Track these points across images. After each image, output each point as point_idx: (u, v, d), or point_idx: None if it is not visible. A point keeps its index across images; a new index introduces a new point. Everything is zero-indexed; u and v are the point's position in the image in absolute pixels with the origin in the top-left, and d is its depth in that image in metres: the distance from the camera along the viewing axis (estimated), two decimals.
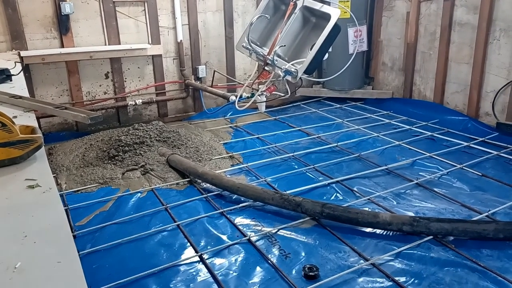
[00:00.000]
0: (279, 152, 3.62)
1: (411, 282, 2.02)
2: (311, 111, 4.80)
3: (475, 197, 2.79)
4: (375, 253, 2.23)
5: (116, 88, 4.19)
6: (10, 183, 1.13)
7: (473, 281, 2.02)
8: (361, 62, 4.98)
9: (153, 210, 2.71)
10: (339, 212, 2.43)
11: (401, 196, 2.83)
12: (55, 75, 3.90)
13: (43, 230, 0.90)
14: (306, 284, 2.01)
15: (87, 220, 2.59)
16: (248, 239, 2.37)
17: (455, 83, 4.26)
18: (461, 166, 3.22)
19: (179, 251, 2.32)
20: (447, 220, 2.34)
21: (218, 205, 2.75)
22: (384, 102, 4.87)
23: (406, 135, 3.94)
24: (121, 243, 2.36)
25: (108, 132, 3.90)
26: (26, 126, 1.34)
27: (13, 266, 0.77)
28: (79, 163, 3.33)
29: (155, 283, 2.05)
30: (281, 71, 3.13)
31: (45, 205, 1.01)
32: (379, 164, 3.30)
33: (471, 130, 3.97)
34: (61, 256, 0.80)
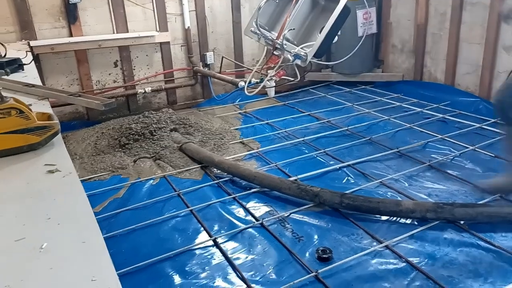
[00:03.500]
0: (289, 137, 3.62)
1: (425, 263, 2.03)
2: (320, 95, 4.78)
3: (488, 178, 2.77)
4: (388, 235, 2.24)
5: (125, 76, 4.20)
6: (30, 169, 1.15)
7: (487, 261, 2.02)
8: (371, 45, 4.92)
9: (166, 196, 2.73)
10: (360, 202, 2.39)
11: (413, 178, 2.83)
12: (64, 64, 3.92)
13: (66, 212, 0.92)
14: (320, 266, 2.03)
15: (102, 207, 2.63)
16: (261, 223, 2.39)
17: (467, 64, 4.20)
18: (473, 147, 3.20)
19: (193, 235, 2.35)
20: (471, 205, 2.31)
21: (230, 190, 2.77)
22: (394, 85, 4.83)
23: (417, 117, 3.91)
24: (136, 228, 2.39)
25: (118, 120, 3.92)
26: (43, 113, 1.36)
27: (39, 247, 0.79)
28: (91, 151, 3.37)
29: (171, 267, 2.08)
30: (290, 55, 3.11)
31: (66, 188, 1.03)
32: (391, 147, 3.29)
33: (483, 111, 3.93)
34: (85, 236, 0.82)
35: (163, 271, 2.05)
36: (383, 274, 1.97)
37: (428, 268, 1.98)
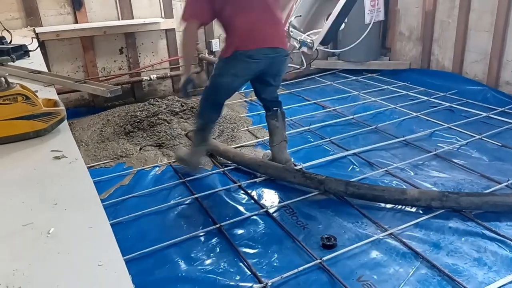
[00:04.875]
0: (295, 125, 3.61)
1: (430, 251, 2.03)
2: (326, 83, 4.75)
3: (494, 167, 2.76)
4: (392, 223, 2.24)
5: (130, 63, 4.20)
6: (36, 155, 1.16)
7: (492, 250, 2.02)
8: (378, 32, 4.87)
9: (172, 183, 2.74)
10: (364, 190, 2.39)
11: (419, 167, 2.82)
12: (70, 51, 3.92)
13: (72, 198, 0.93)
14: (324, 253, 2.03)
15: (108, 194, 2.64)
16: (266, 210, 2.40)
17: (475, 52, 4.15)
18: (480, 136, 3.17)
19: (198, 222, 2.36)
20: (477, 194, 2.30)
21: (235, 178, 2.78)
22: (401, 73, 4.79)
23: (423, 106, 3.89)
24: (142, 215, 2.41)
25: (124, 107, 3.93)
26: (49, 99, 1.36)
27: (47, 232, 0.80)
28: (97, 139, 3.38)
29: (176, 253, 2.10)
30: (296, 43, 3.09)
31: (72, 174, 1.04)
32: (397, 135, 3.27)
33: (490, 100, 3.89)
34: (92, 221, 0.83)
35: (169, 257, 2.07)
36: (388, 262, 1.97)
37: (432, 256, 1.99)
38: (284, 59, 2.58)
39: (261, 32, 2.44)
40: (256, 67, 2.49)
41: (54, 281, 0.69)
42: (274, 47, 2.47)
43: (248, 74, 2.53)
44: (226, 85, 2.55)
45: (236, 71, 2.49)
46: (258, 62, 2.46)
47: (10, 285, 0.68)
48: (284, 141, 2.80)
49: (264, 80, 2.64)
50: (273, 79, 2.65)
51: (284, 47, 2.58)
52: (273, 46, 2.47)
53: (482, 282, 1.82)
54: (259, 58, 2.44)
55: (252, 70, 2.50)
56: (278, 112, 2.77)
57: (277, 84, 2.74)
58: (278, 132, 2.79)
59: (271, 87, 2.71)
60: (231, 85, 2.57)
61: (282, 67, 2.62)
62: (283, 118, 2.81)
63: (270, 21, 2.47)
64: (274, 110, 2.78)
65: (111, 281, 0.68)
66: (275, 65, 2.55)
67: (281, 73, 2.66)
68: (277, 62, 2.54)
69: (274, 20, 2.49)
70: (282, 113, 2.80)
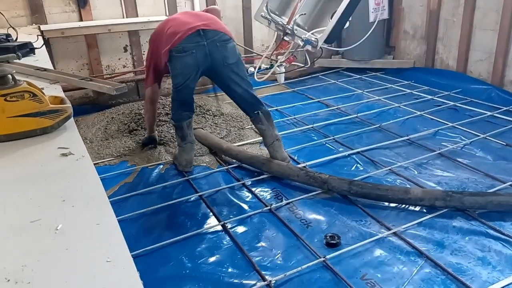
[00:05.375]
0: (298, 123, 3.62)
1: (434, 250, 2.03)
2: (330, 82, 4.74)
3: (499, 166, 2.75)
4: (396, 222, 2.24)
5: (135, 61, 4.20)
6: (43, 152, 1.16)
7: (496, 250, 2.02)
8: (382, 31, 4.86)
9: (175, 181, 2.75)
10: (368, 190, 2.38)
11: (422, 166, 2.81)
12: (74, 49, 3.93)
13: (80, 195, 0.93)
14: (328, 252, 2.04)
15: (113, 191, 2.65)
16: (270, 209, 2.40)
17: (480, 51, 4.14)
18: (484, 135, 3.17)
19: (202, 220, 2.37)
20: (481, 194, 2.30)
21: (238, 176, 2.78)
22: (405, 72, 4.78)
23: (428, 105, 3.88)
24: (146, 212, 2.42)
25: (128, 105, 3.93)
26: (55, 97, 1.37)
27: (55, 228, 0.81)
28: (102, 136, 3.39)
29: (181, 250, 2.11)
30: (301, 41, 3.08)
31: (79, 171, 1.04)
32: (400, 134, 3.27)
33: (495, 99, 3.88)
34: (99, 218, 0.83)
35: (172, 254, 2.08)
36: (391, 261, 1.98)
37: (436, 255, 1.99)
38: (222, 43, 2.54)
39: (185, 25, 2.53)
40: (193, 60, 2.50)
41: (62, 277, 0.69)
42: (203, 29, 2.49)
43: (192, 69, 2.55)
44: (180, 85, 2.61)
45: (181, 70, 2.56)
46: (193, 53, 2.48)
47: (19, 281, 0.68)
48: (276, 141, 2.80)
49: (221, 76, 2.64)
50: (229, 72, 2.61)
51: (220, 30, 2.56)
52: (201, 28, 2.49)
53: (486, 281, 1.82)
54: (191, 49, 2.48)
55: (192, 65, 2.52)
56: (260, 115, 2.76)
57: (238, 79, 2.66)
58: (267, 133, 2.80)
59: (236, 86, 2.67)
60: (185, 84, 2.61)
61: (226, 54, 2.57)
62: (268, 118, 2.79)
63: (195, 17, 2.60)
64: (255, 114, 2.77)
65: (120, 277, 0.69)
66: (216, 52, 2.53)
67: (229, 60, 2.59)
68: (215, 49, 2.52)
69: (201, 16, 2.60)
70: (265, 114, 2.78)
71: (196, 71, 2.57)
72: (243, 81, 2.68)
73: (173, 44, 2.51)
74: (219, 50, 2.54)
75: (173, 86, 2.68)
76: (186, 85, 2.62)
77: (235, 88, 2.68)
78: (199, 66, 2.55)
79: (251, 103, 2.75)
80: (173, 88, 2.68)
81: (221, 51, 2.55)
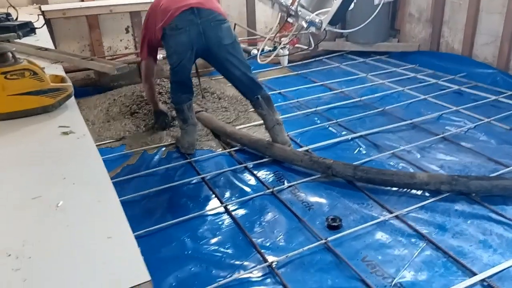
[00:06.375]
0: (301, 107, 3.59)
1: (435, 233, 2.03)
2: (334, 65, 4.70)
3: (502, 150, 2.74)
4: (398, 206, 2.24)
5: (136, 42, 4.17)
6: (44, 130, 1.16)
7: (498, 233, 2.02)
8: (387, 14, 4.79)
9: (178, 163, 2.75)
10: (373, 175, 2.36)
11: (425, 150, 2.80)
12: (76, 30, 3.90)
13: (80, 173, 0.93)
14: (329, 234, 2.04)
15: (115, 173, 2.66)
16: (272, 191, 2.41)
17: (486, 35, 4.08)
18: (488, 120, 3.14)
19: (205, 202, 2.37)
20: (487, 178, 2.28)
21: (241, 159, 2.78)
22: (410, 55, 4.72)
23: (432, 89, 3.84)
24: (148, 194, 2.42)
25: (130, 87, 3.91)
26: (56, 76, 1.36)
27: (56, 205, 0.81)
28: (103, 118, 3.38)
29: (183, 231, 2.12)
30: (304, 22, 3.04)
31: (80, 150, 1.04)
32: (404, 118, 3.25)
33: (500, 83, 3.84)
34: (100, 196, 0.83)
35: (175, 235, 2.09)
36: (393, 243, 1.98)
37: (438, 238, 1.99)
38: (217, 23, 2.51)
39: (178, 2, 2.50)
40: (187, 38, 2.48)
41: (63, 253, 0.69)
42: (196, 7, 2.46)
43: (187, 48, 2.52)
44: (176, 65, 2.60)
45: (175, 48, 2.54)
46: (186, 31, 2.46)
47: (20, 256, 0.68)
48: (277, 125, 2.78)
49: (217, 58, 2.61)
50: (225, 53, 2.58)
51: (214, 9, 2.53)
52: (195, 7, 2.46)
53: (487, 264, 1.83)
54: (184, 26, 2.45)
55: (186, 43, 2.50)
56: (260, 100, 2.74)
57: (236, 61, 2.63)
58: (267, 118, 2.79)
59: (234, 68, 2.64)
60: (181, 64, 2.59)
61: (221, 34, 2.54)
62: (268, 103, 2.77)
63: None
64: (255, 98, 2.75)
65: (121, 253, 0.69)
66: (210, 31, 2.50)
67: (225, 41, 2.56)
68: (209, 28, 2.49)
69: None
70: (265, 99, 2.76)
71: (191, 50, 2.54)
72: (240, 63, 2.65)
73: (166, 22, 2.49)
74: (213, 30, 2.50)
75: (170, 67, 2.67)
76: (182, 65, 2.60)
77: (233, 71, 2.65)
78: (193, 45, 2.52)
79: (250, 87, 2.73)
80: (170, 70, 2.67)
81: (216, 31, 2.51)
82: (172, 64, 2.63)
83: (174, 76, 2.68)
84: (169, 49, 2.58)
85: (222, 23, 2.54)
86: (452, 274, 1.79)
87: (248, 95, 2.78)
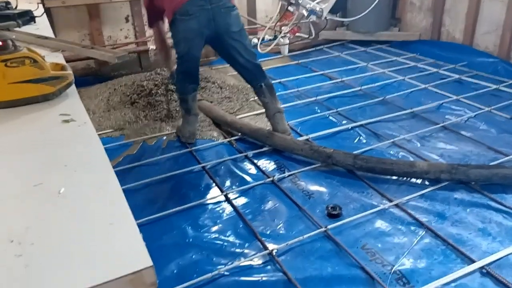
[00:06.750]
0: (302, 96, 3.59)
1: (435, 221, 2.05)
2: (335, 54, 4.68)
3: (502, 139, 2.74)
4: (398, 194, 2.25)
5: (136, 32, 4.15)
6: (45, 118, 1.16)
7: (497, 221, 2.03)
8: (388, 2, 4.75)
9: (178, 152, 2.76)
10: (373, 164, 2.37)
11: (426, 139, 2.80)
12: (76, 19, 3.88)
13: (82, 160, 0.94)
14: (329, 222, 2.05)
15: (116, 162, 2.66)
16: (272, 180, 2.41)
17: (487, 23, 4.06)
18: (489, 109, 3.14)
19: (205, 191, 2.38)
20: (486, 167, 2.29)
21: (241, 148, 2.79)
22: (411, 44, 4.70)
23: (432, 78, 3.83)
24: (150, 183, 2.43)
25: (131, 77, 3.90)
26: (56, 64, 1.36)
27: (57, 192, 0.81)
28: (104, 107, 3.38)
29: (184, 220, 2.13)
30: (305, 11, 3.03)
31: (81, 137, 1.04)
32: (404, 107, 3.24)
33: (501, 72, 3.83)
34: (101, 182, 0.84)
35: (176, 223, 2.10)
36: (392, 231, 1.99)
37: (437, 226, 2.00)
38: (226, 10, 2.48)
39: None
40: (197, 24, 2.44)
41: (65, 239, 0.70)
42: None
43: (196, 34, 2.49)
44: (184, 53, 2.57)
45: (184, 34, 2.49)
46: (196, 17, 2.42)
47: (23, 242, 0.69)
48: (278, 113, 2.79)
49: (224, 45, 2.58)
50: (232, 40, 2.56)
51: None
52: None
53: (486, 252, 1.84)
54: (194, 12, 2.41)
55: (196, 30, 2.46)
56: (263, 88, 2.75)
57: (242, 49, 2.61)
58: (269, 106, 2.79)
59: (239, 56, 2.62)
60: (188, 52, 2.56)
61: (230, 21, 2.51)
62: (271, 91, 2.78)
63: None
64: (258, 86, 2.75)
65: (122, 238, 0.69)
66: (220, 18, 2.47)
67: (233, 28, 2.53)
68: (219, 14, 2.45)
69: None
70: (268, 87, 2.76)
71: (200, 36, 2.50)
72: (246, 51, 2.65)
73: (177, 6, 2.43)
74: (223, 16, 2.48)
75: (177, 56, 2.64)
76: (190, 54, 2.57)
77: (238, 58, 2.65)
78: (203, 32, 2.48)
79: (254, 74, 2.73)
80: (177, 59, 2.64)
81: (225, 18, 2.49)
82: (179, 53, 2.59)
83: (181, 65, 2.65)
84: (178, 35, 2.53)
85: (231, 10, 2.52)
86: (451, 262, 1.80)
87: (252, 82, 2.78)
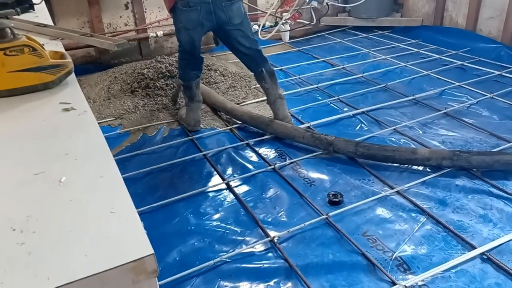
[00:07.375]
0: (303, 83, 3.57)
1: (436, 208, 2.05)
2: (336, 41, 4.64)
3: (505, 126, 2.73)
4: (399, 181, 2.25)
5: (136, 19, 4.12)
6: (45, 107, 1.15)
7: (498, 207, 2.03)
8: None
9: (180, 141, 2.76)
10: (374, 151, 2.36)
11: (427, 125, 2.80)
12: (75, 6, 3.85)
13: (82, 149, 0.93)
14: (330, 209, 2.06)
15: (117, 151, 2.67)
16: (273, 168, 2.42)
17: (490, 8, 4.01)
18: (491, 95, 3.12)
19: (207, 179, 2.39)
20: (488, 153, 2.28)
21: (242, 136, 2.78)
22: (413, 30, 4.66)
23: (435, 64, 3.81)
24: (151, 171, 2.44)
25: (131, 65, 3.89)
26: (55, 52, 1.35)
27: (59, 180, 0.81)
28: (104, 96, 3.37)
29: (185, 207, 2.14)
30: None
31: (82, 126, 1.04)
32: (406, 94, 3.23)
33: (504, 58, 3.80)
34: (102, 171, 0.84)
35: (177, 211, 2.11)
36: (393, 218, 2.00)
37: (438, 213, 2.01)
38: (227, 3, 2.47)
39: None
40: (198, 16, 2.45)
41: (67, 227, 0.70)
42: None
43: (196, 24, 2.49)
44: (185, 40, 2.59)
45: (184, 24, 2.51)
46: (197, 10, 2.43)
47: (24, 230, 0.69)
48: (279, 99, 2.79)
49: (226, 35, 2.59)
50: (234, 32, 2.56)
51: None
52: None
53: (487, 238, 1.85)
54: (195, 5, 2.42)
55: (195, 21, 2.47)
56: (264, 73, 2.74)
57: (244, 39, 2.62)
58: (270, 92, 2.79)
59: (241, 46, 2.63)
60: (190, 40, 2.57)
61: (231, 14, 2.51)
62: (271, 77, 2.77)
63: None
64: (259, 71, 2.75)
65: (124, 227, 0.69)
66: (220, 12, 2.47)
67: (234, 20, 2.53)
68: (219, 8, 2.45)
69: None
70: (269, 73, 2.76)
71: (200, 27, 2.51)
72: (248, 40, 2.64)
73: None
74: (224, 10, 2.47)
75: (178, 44, 2.66)
76: (191, 42, 2.58)
77: (239, 47, 2.65)
78: (203, 24, 2.49)
79: (255, 59, 2.72)
80: (179, 46, 2.67)
81: (226, 11, 2.48)
82: (181, 41, 2.61)
83: (183, 52, 2.67)
84: (178, 23, 2.55)
85: (232, 4, 2.51)
86: (452, 248, 1.81)
87: (253, 68, 2.78)
